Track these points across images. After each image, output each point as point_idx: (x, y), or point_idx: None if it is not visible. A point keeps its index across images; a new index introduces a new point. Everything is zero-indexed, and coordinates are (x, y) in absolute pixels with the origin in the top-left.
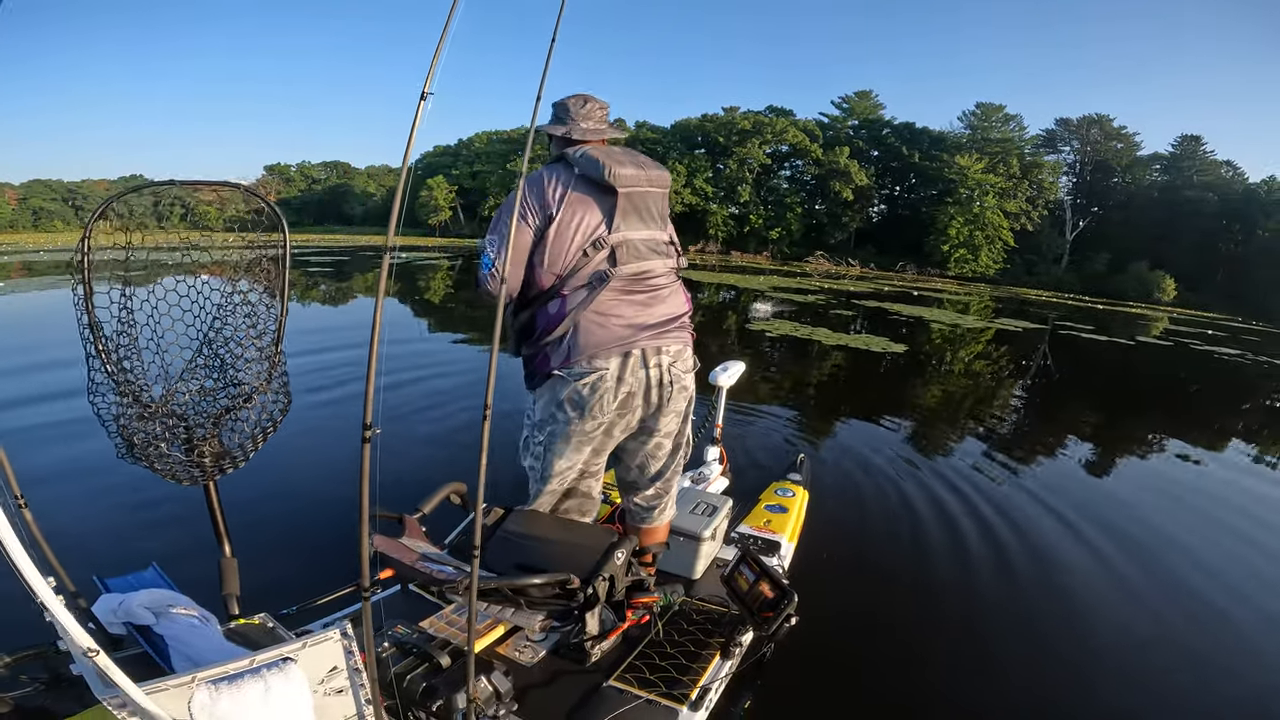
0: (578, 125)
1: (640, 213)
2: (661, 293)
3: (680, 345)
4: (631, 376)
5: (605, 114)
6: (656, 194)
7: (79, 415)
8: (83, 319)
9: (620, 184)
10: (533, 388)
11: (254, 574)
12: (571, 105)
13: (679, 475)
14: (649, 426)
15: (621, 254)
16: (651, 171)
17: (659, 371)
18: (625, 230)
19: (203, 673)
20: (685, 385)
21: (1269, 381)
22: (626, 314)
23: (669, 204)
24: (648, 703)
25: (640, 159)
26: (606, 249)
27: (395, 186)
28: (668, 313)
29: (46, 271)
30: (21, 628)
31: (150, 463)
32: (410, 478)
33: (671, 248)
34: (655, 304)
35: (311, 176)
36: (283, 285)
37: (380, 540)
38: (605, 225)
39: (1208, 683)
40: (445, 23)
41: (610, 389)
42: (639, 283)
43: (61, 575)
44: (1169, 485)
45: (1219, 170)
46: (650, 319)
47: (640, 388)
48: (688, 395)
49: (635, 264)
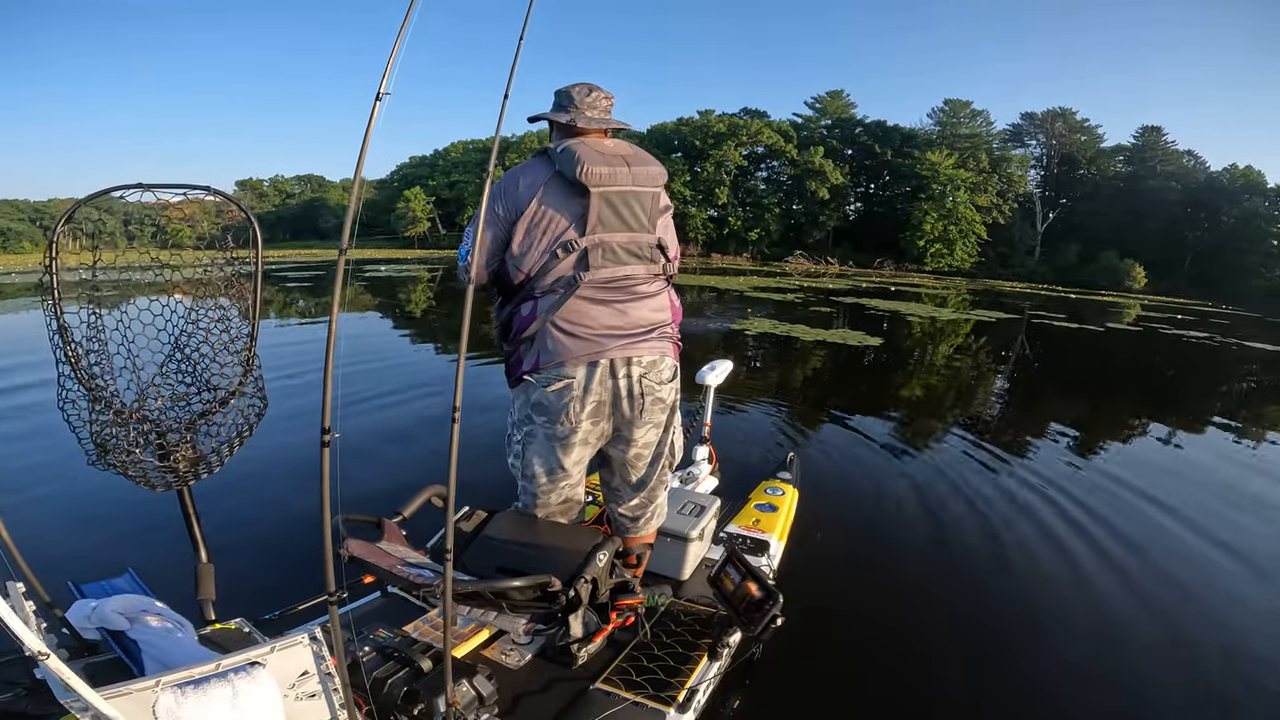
0: (582, 114)
1: (620, 214)
2: (642, 300)
3: (656, 355)
4: (599, 386)
5: (610, 105)
6: (643, 194)
7: (56, 422)
8: (52, 324)
9: (592, 182)
10: (511, 386)
11: (233, 578)
12: (575, 93)
13: (665, 486)
14: (624, 436)
15: (595, 257)
16: (639, 169)
17: (629, 382)
18: (601, 232)
19: (167, 677)
20: (660, 397)
21: (1242, 365)
22: (597, 321)
23: (664, 203)
24: (634, 705)
25: (632, 155)
26: (577, 251)
27: (371, 199)
28: (645, 320)
29: (16, 294)
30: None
31: (124, 469)
32: (391, 482)
33: (658, 251)
34: (632, 310)
35: (286, 191)
36: (256, 285)
37: (356, 545)
38: (576, 227)
39: (1216, 685)
40: (403, 22)
41: (577, 398)
42: (614, 289)
43: (31, 580)
44: (1160, 472)
45: (1181, 160)
46: (624, 327)
47: (609, 398)
48: (665, 406)
49: (611, 269)
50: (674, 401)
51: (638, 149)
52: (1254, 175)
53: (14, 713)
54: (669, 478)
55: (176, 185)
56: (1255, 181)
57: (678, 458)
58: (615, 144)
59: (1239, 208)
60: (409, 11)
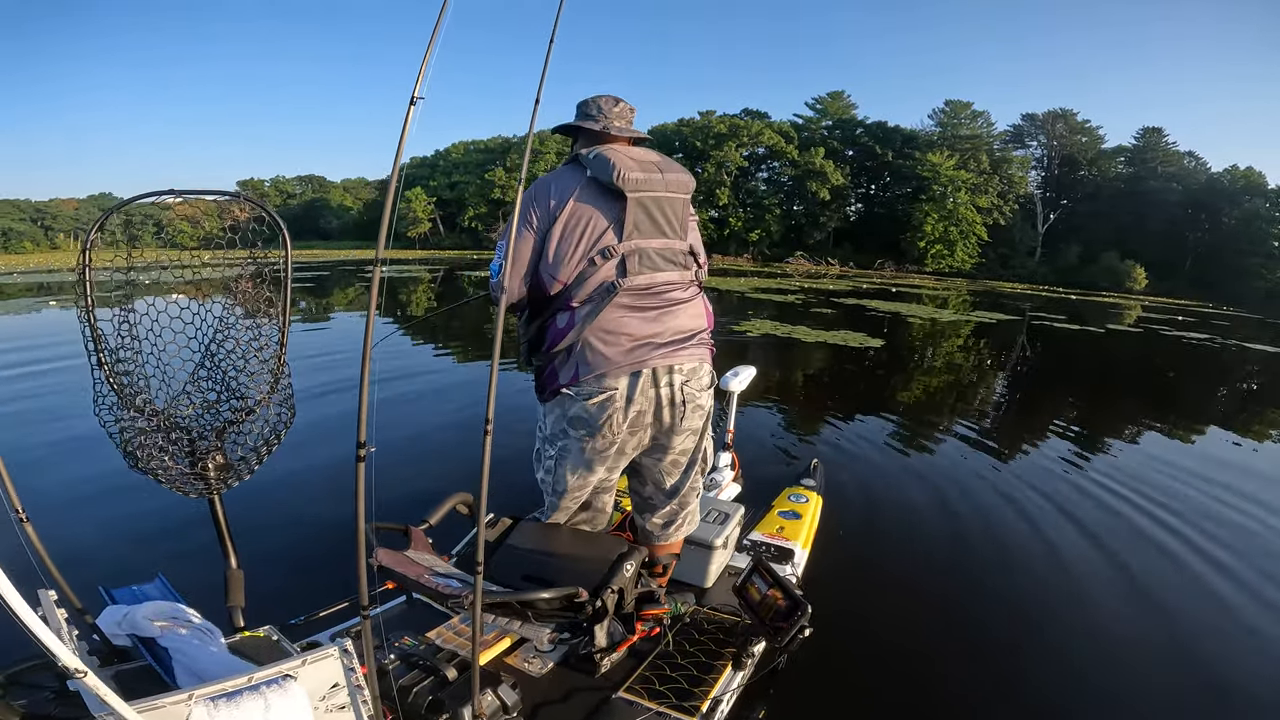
0: (611, 123)
1: (655, 220)
2: (678, 306)
3: (695, 363)
4: (642, 396)
5: (634, 115)
6: (675, 200)
7: (89, 430)
8: (86, 331)
9: (629, 188)
10: (543, 401)
11: (261, 585)
12: (604, 104)
13: (698, 493)
14: (662, 444)
15: (632, 264)
16: (671, 175)
17: (670, 390)
18: (638, 239)
19: (200, 690)
20: (700, 404)
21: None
22: (637, 330)
23: (691, 210)
24: (658, 715)
25: (662, 162)
26: (616, 258)
27: (373, 200)
28: (684, 327)
29: (18, 294)
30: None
31: (155, 475)
32: (417, 489)
33: (691, 258)
34: (669, 318)
35: (287, 191)
36: (285, 295)
37: (384, 554)
38: (614, 232)
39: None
40: (435, 26)
41: (620, 409)
42: (652, 296)
43: (64, 587)
44: (1194, 479)
45: (1181, 161)
46: (663, 335)
47: (651, 407)
48: (703, 413)
49: (648, 275)
50: (711, 408)
51: (665, 156)
52: (1255, 176)
53: (42, 716)
54: (700, 484)
55: (207, 191)
56: (1256, 182)
57: (709, 464)
58: (643, 151)
59: (1240, 209)
60: (440, 15)
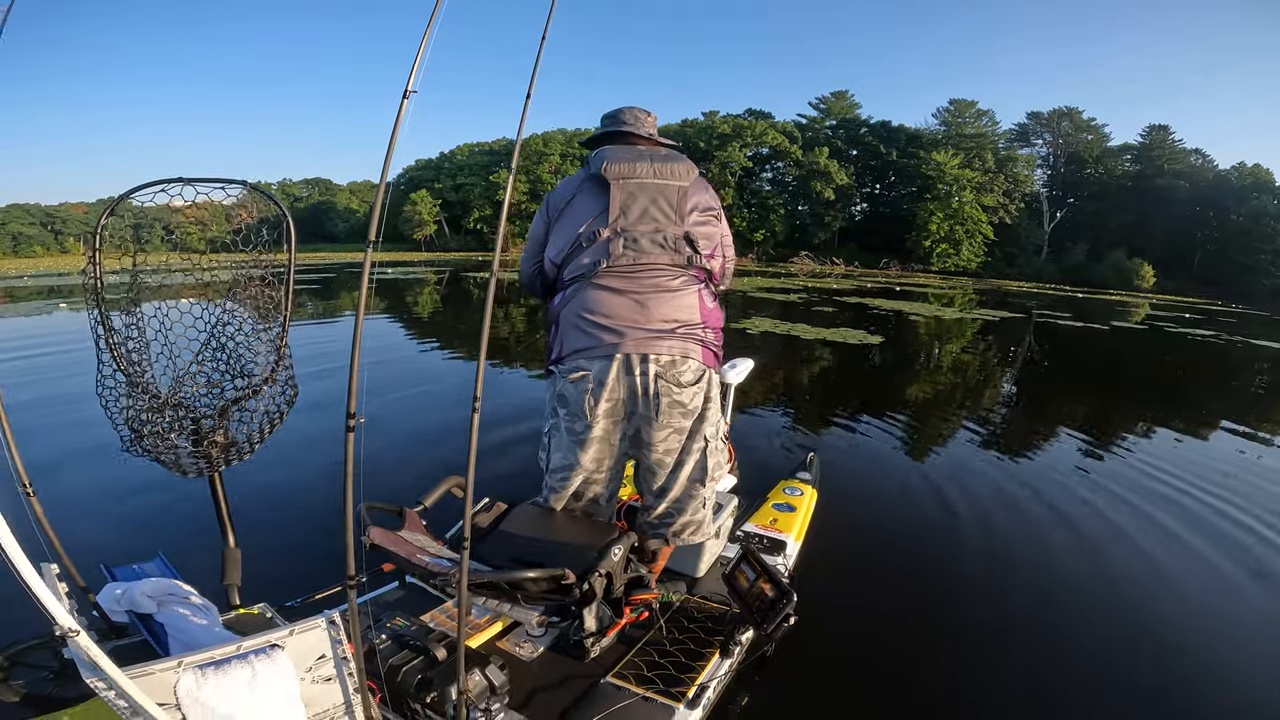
0: (636, 129)
1: (643, 205)
2: (665, 294)
3: (675, 355)
4: (616, 381)
5: (655, 123)
6: (666, 186)
7: (91, 411)
8: (93, 313)
9: (611, 175)
10: (546, 378)
11: (258, 568)
12: (627, 113)
13: (698, 500)
14: (644, 440)
15: (616, 246)
16: (662, 164)
17: (644, 380)
18: (623, 222)
19: (189, 657)
20: (679, 400)
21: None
22: (617, 312)
23: (707, 204)
24: (644, 700)
25: (661, 153)
26: (601, 239)
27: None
28: (669, 316)
29: (29, 297)
30: (34, 618)
31: (157, 455)
32: (415, 473)
33: (685, 243)
34: (655, 305)
35: (293, 194)
36: (289, 273)
37: (377, 533)
38: (600, 218)
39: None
40: (429, 19)
41: (591, 390)
42: (636, 279)
43: (65, 562)
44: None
45: (1188, 158)
46: (645, 322)
47: (625, 394)
48: (686, 411)
49: (631, 255)
50: (699, 409)
51: (671, 151)
52: (1262, 174)
53: (41, 696)
54: (704, 494)
55: (213, 180)
56: (1264, 180)
57: (711, 474)
58: (648, 145)
59: (1247, 206)
60: (435, 8)
